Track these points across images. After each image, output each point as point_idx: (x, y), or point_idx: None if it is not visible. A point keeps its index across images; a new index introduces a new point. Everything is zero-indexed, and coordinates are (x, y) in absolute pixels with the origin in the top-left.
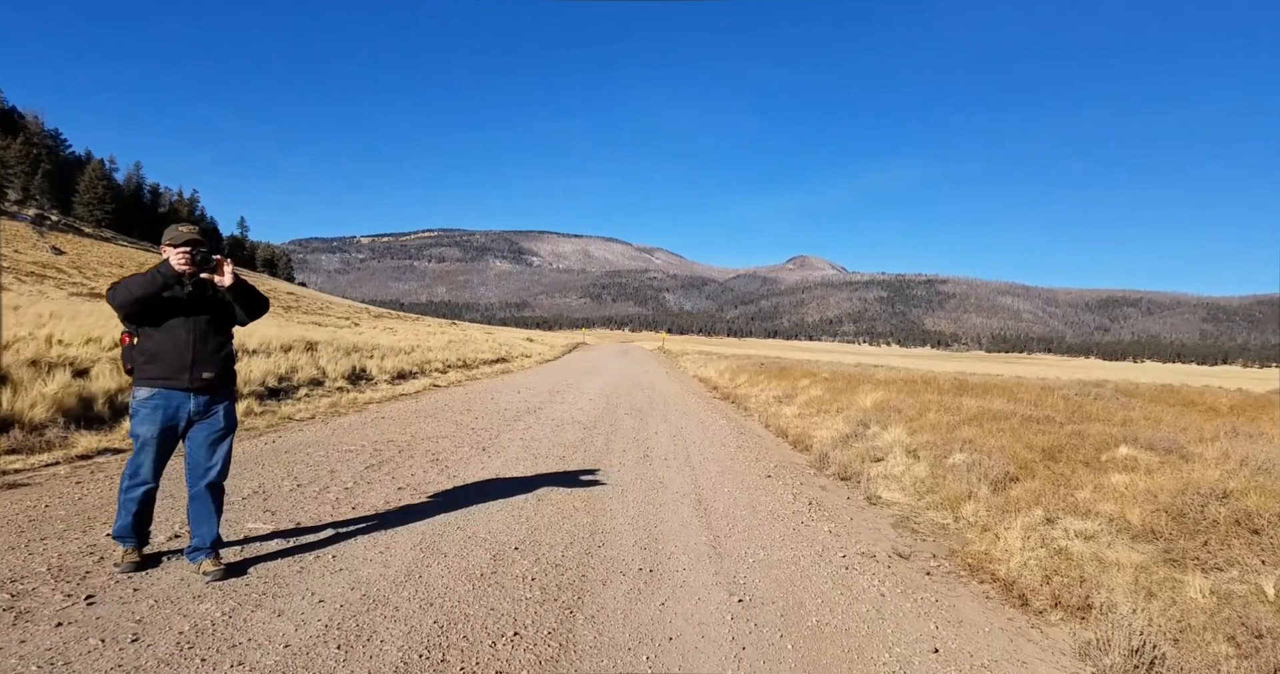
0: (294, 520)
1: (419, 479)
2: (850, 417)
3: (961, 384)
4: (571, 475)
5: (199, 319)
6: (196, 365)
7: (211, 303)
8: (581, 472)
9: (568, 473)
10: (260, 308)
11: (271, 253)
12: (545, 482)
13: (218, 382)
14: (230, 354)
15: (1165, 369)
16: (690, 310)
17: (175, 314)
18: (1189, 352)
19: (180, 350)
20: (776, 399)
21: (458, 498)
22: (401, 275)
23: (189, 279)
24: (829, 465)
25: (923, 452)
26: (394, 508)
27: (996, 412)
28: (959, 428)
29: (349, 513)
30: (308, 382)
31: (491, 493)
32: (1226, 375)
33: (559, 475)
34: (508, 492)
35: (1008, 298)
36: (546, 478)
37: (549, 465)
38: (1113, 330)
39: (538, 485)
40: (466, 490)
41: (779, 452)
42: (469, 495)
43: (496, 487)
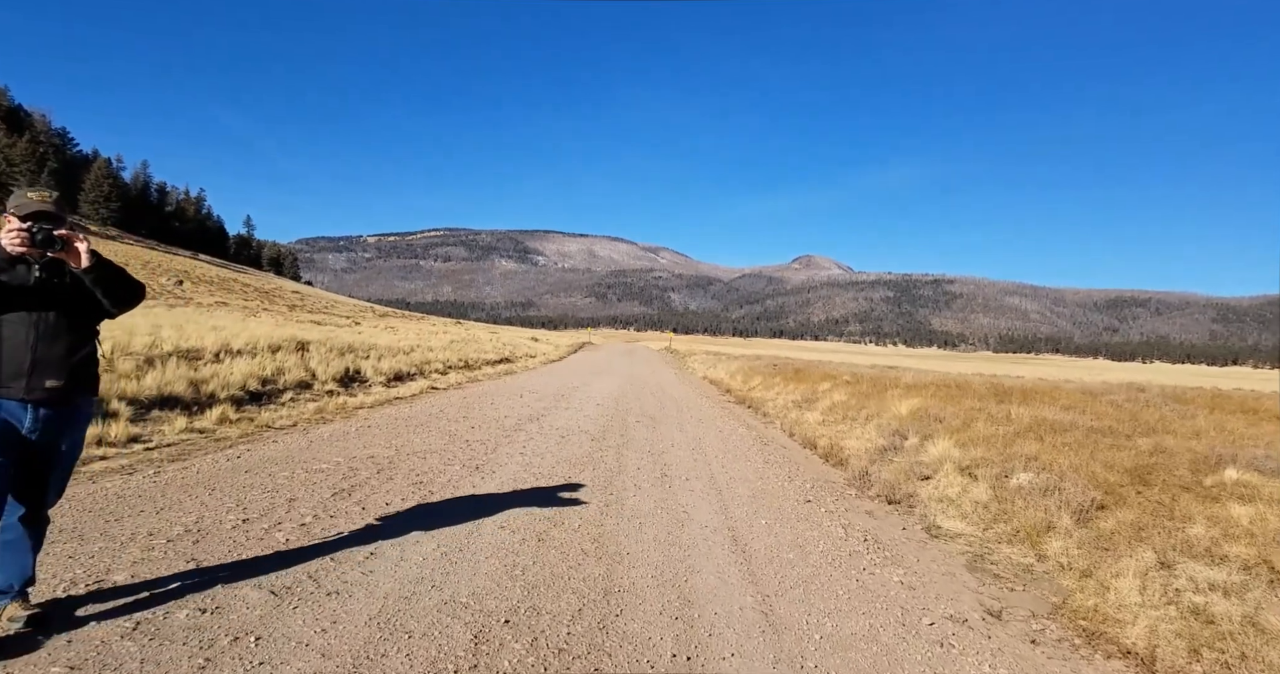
0: (214, 577)
1: (395, 509)
2: (883, 425)
3: (997, 388)
4: (578, 504)
5: (45, 314)
6: (38, 371)
7: (66, 292)
8: (590, 499)
9: (574, 500)
10: (132, 295)
11: (278, 252)
12: (547, 513)
13: (67, 392)
14: (90, 357)
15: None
16: (695, 310)
17: (15, 306)
18: (1199, 352)
19: (16, 352)
20: (796, 404)
21: (439, 538)
22: (408, 274)
23: (37, 262)
24: (871, 484)
25: (979, 469)
26: (356, 556)
27: (1054, 422)
28: (1015, 441)
29: (295, 564)
30: (295, 384)
31: (482, 531)
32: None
33: (563, 503)
34: (501, 528)
35: (1015, 298)
36: (548, 507)
37: (552, 490)
38: (1121, 331)
39: (538, 519)
40: (451, 527)
41: (811, 467)
42: (453, 536)
43: (488, 522)
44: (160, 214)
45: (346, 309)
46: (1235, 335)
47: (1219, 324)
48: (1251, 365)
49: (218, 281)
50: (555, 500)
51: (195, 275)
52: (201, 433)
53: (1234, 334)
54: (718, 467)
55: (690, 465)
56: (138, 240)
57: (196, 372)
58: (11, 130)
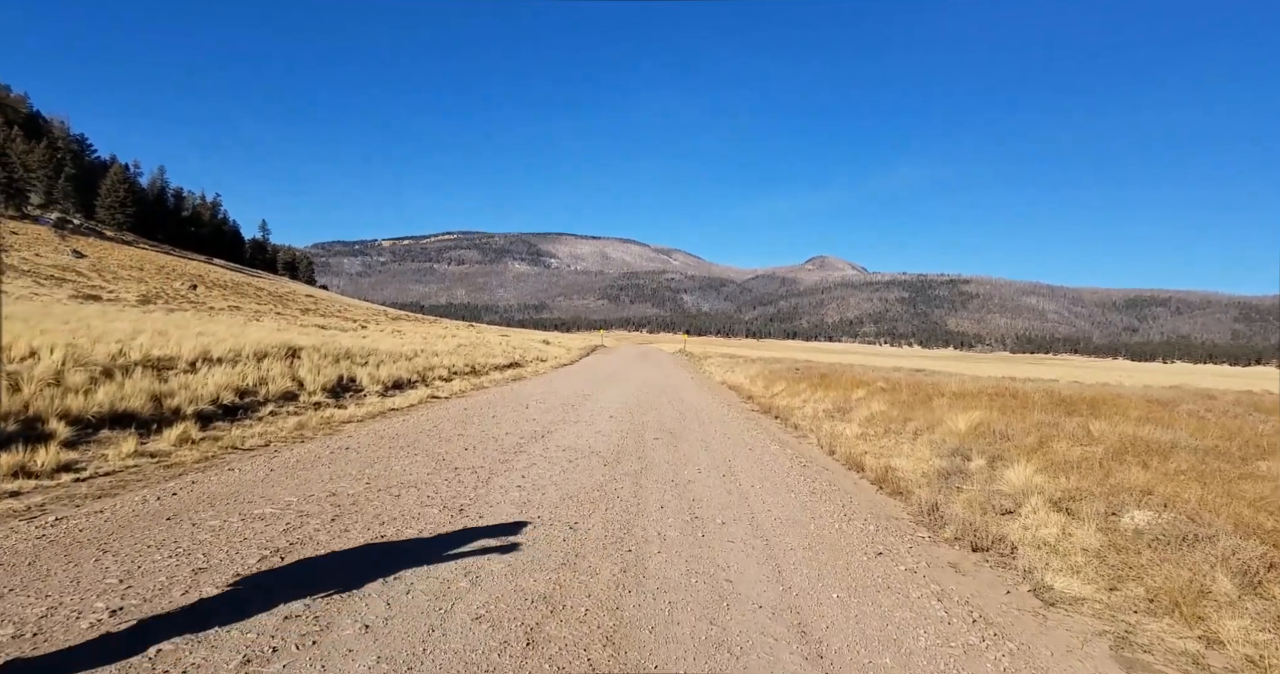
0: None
1: (333, 589)
2: (937, 442)
3: (1056, 397)
4: (586, 571)
5: None
6: None
7: None
8: (601, 561)
9: (580, 563)
10: None
11: (293, 256)
12: (543, 588)
13: None
14: None
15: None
16: (708, 312)
17: None
18: (1221, 352)
19: None
20: (828, 414)
21: (384, 644)
22: (421, 278)
23: None
24: (944, 522)
25: (1076, 504)
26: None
27: (1148, 441)
28: (1112, 466)
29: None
30: (279, 396)
31: (448, 628)
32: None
33: (566, 569)
34: (478, 619)
35: (1032, 298)
36: (546, 576)
37: (552, 543)
38: (1141, 330)
39: (530, 600)
40: (404, 621)
41: (864, 497)
42: (405, 639)
43: (460, 609)
44: (176, 219)
45: (359, 313)
46: (1258, 335)
47: (1241, 323)
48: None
49: (231, 286)
50: (555, 564)
51: (209, 280)
52: (153, 457)
53: (1256, 333)
54: (757, 501)
55: (723, 499)
56: (153, 245)
57: (164, 383)
58: (30, 137)
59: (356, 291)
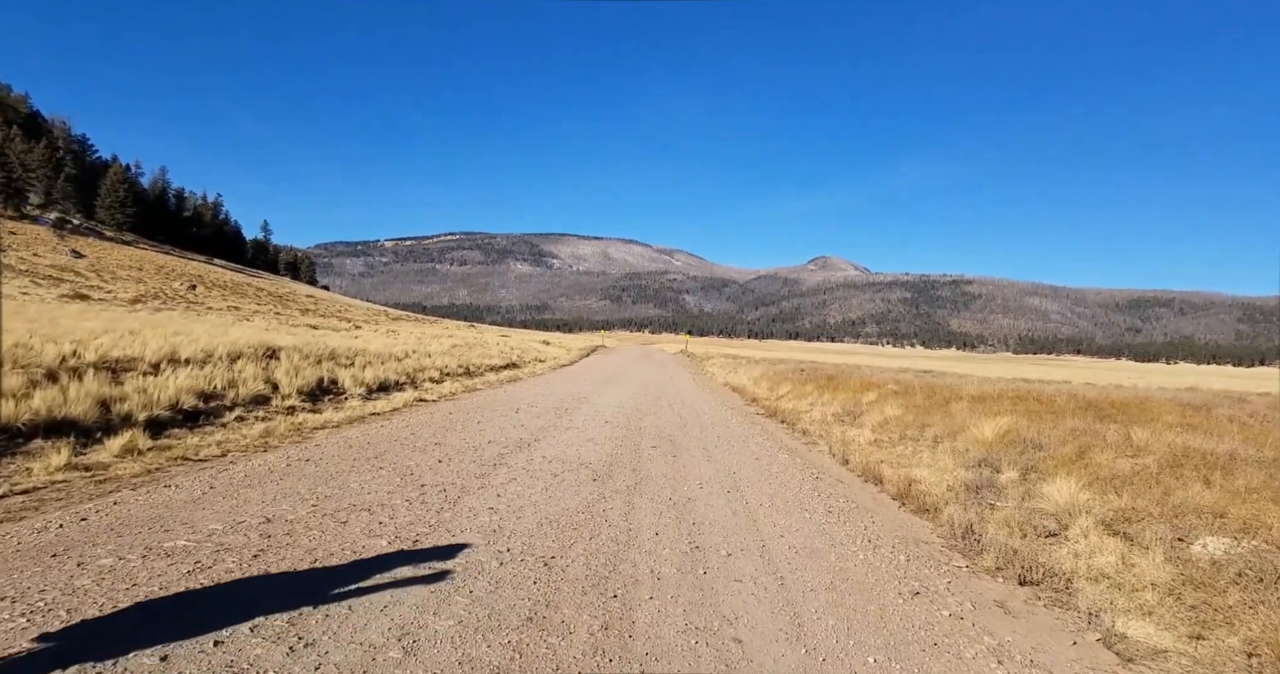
0: None
1: (229, 652)
2: (960, 450)
3: (1080, 401)
4: (556, 625)
5: None
6: None
7: None
8: (578, 613)
9: (550, 618)
10: None
11: (294, 256)
12: (496, 656)
13: None
14: None
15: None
16: (710, 312)
17: None
18: (1224, 353)
19: None
20: (837, 418)
21: None
22: (424, 278)
23: None
24: (982, 547)
25: (1133, 527)
26: None
27: (1201, 451)
28: (1167, 482)
29: None
30: (249, 399)
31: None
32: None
33: (530, 626)
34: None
35: (1035, 298)
36: (502, 638)
37: (520, 588)
38: (1144, 331)
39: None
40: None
41: (886, 515)
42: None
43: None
44: (178, 219)
45: (359, 313)
46: (1261, 335)
47: (1244, 324)
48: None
49: (231, 286)
50: (520, 620)
51: (209, 280)
52: (87, 470)
53: (1260, 334)
54: (766, 523)
55: (728, 522)
56: (153, 245)
57: (120, 386)
58: (29, 136)
59: (358, 292)
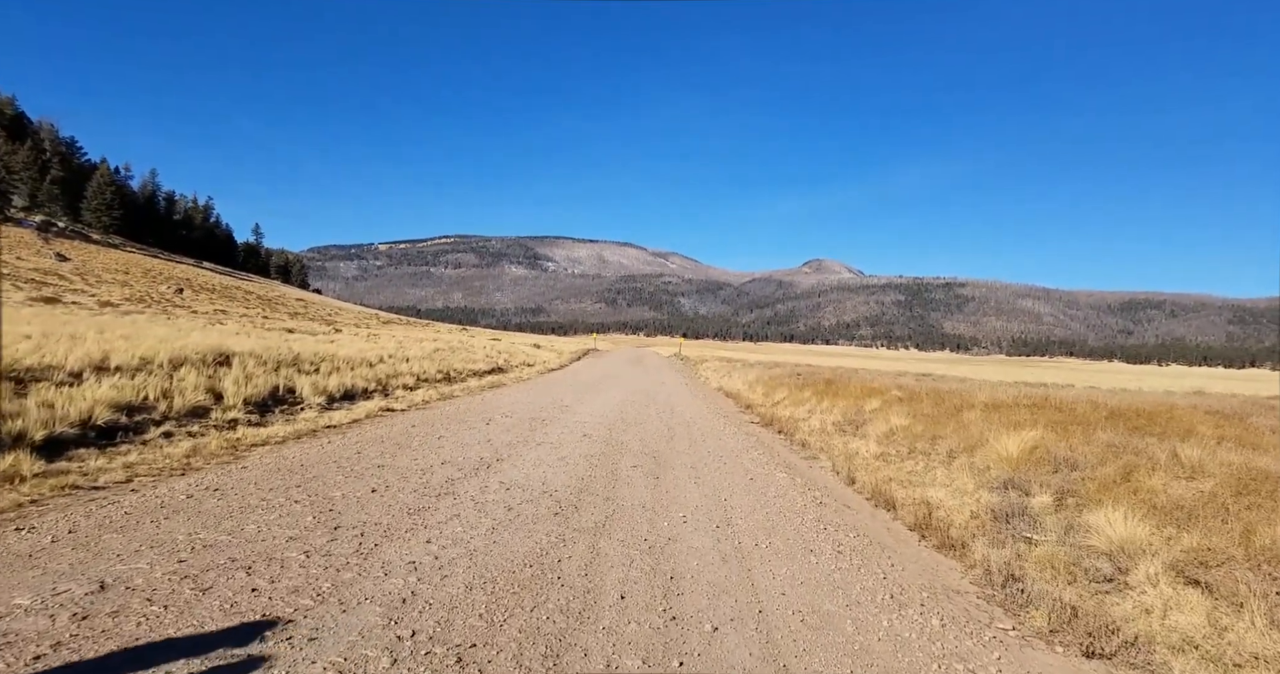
0: None
1: None
2: (980, 467)
3: (1101, 408)
4: None
5: None
6: None
7: None
8: None
9: None
10: None
11: (286, 260)
12: None
13: None
14: None
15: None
16: (705, 315)
17: None
18: (1215, 354)
19: None
20: (838, 427)
21: None
22: (418, 281)
23: None
24: (1029, 601)
25: (1211, 573)
26: None
27: (1269, 473)
28: (1244, 515)
29: None
30: (185, 412)
31: None
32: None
33: None
34: None
35: (1028, 300)
36: None
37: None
38: (1136, 333)
39: None
40: None
41: (906, 554)
42: None
43: None
44: (168, 223)
45: (350, 317)
46: (1252, 337)
47: (1235, 326)
48: (1269, 367)
49: (220, 290)
50: None
51: (198, 283)
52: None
53: (1250, 336)
54: (764, 575)
55: (717, 577)
56: (141, 248)
57: (21, 399)
58: (14, 138)
59: (352, 296)
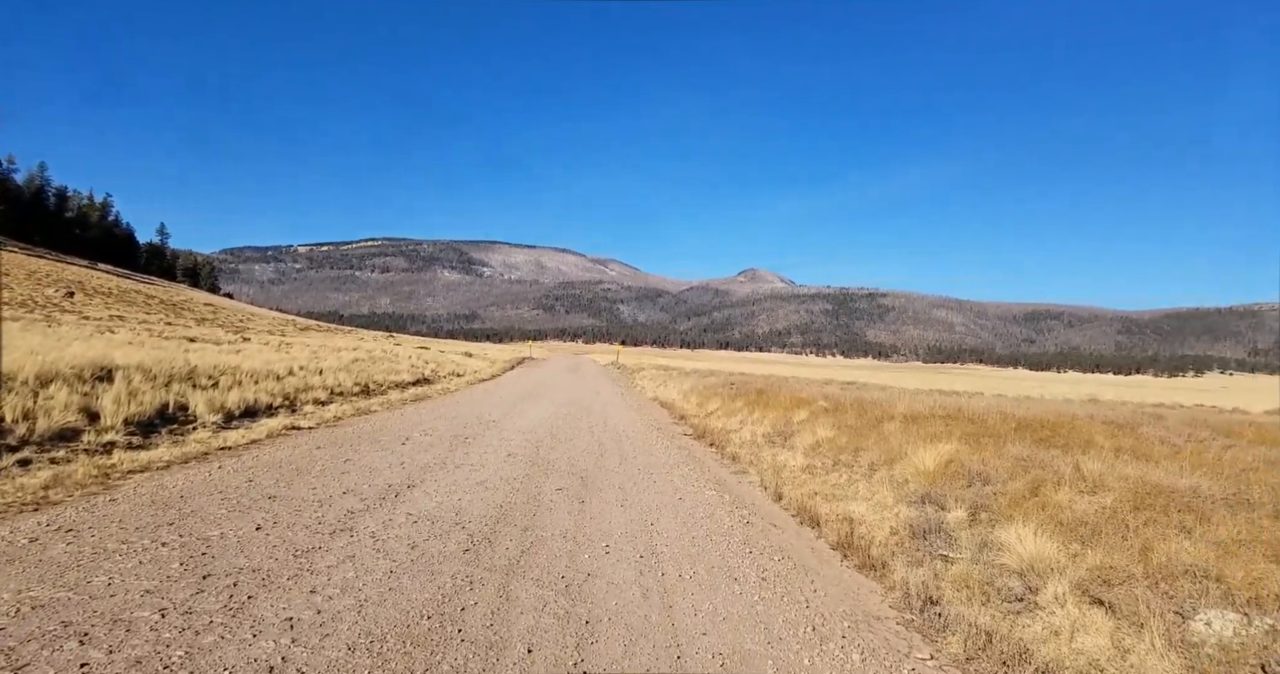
0: None
1: None
2: (899, 481)
3: (1009, 418)
4: None
5: None
6: None
7: None
8: None
9: None
10: None
11: (194, 261)
12: None
13: None
14: None
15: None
16: (644, 322)
17: None
18: (1106, 362)
19: None
20: (768, 439)
21: None
22: (342, 286)
23: None
24: (945, 625)
25: (1114, 592)
26: None
27: (1166, 489)
28: (1143, 532)
29: None
30: (51, 435)
31: None
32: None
33: None
34: None
35: (942, 311)
36: None
37: None
38: (1038, 342)
39: None
40: None
41: (829, 576)
42: None
43: None
44: (59, 221)
45: (264, 323)
46: (1138, 346)
47: (1124, 335)
48: (1152, 374)
49: (118, 294)
50: None
51: (91, 286)
52: None
53: (1136, 345)
54: (685, 611)
55: (636, 618)
56: (24, 248)
57: None
58: None
59: (268, 300)
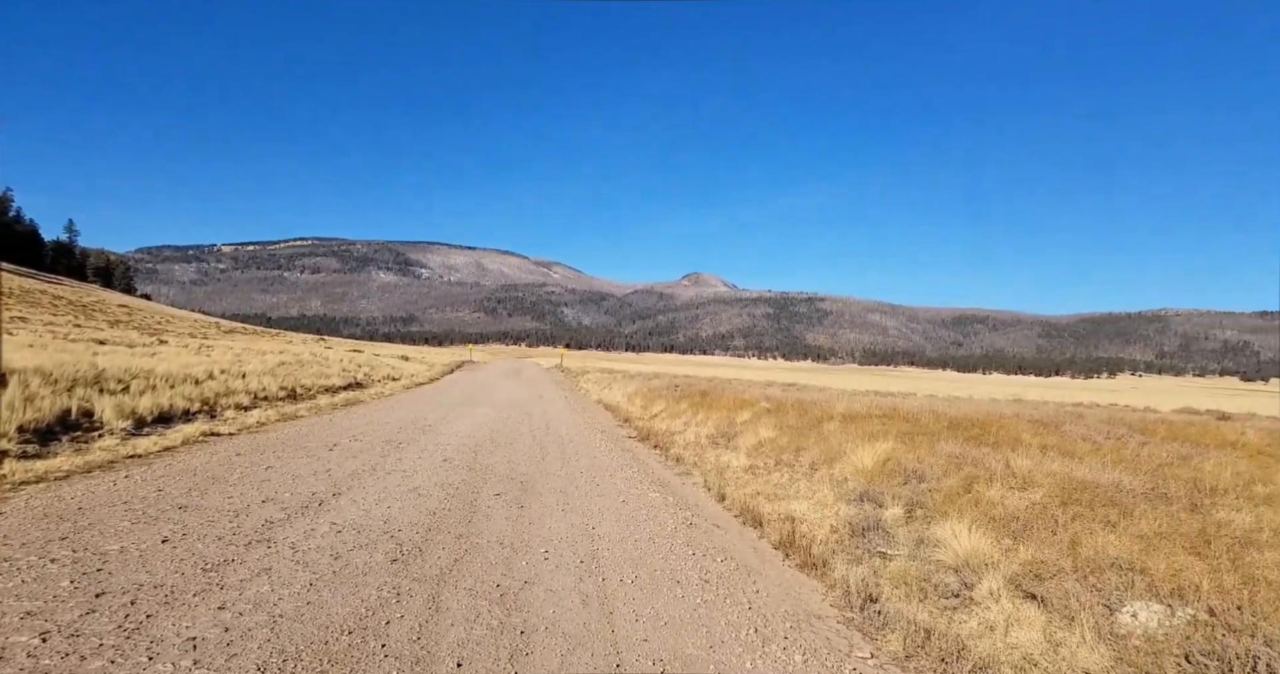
0: None
1: None
2: (839, 479)
3: (942, 418)
4: None
5: None
6: None
7: None
8: None
9: None
10: None
11: (107, 261)
12: None
13: None
14: None
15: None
16: (589, 325)
17: None
18: (1028, 364)
19: None
20: (712, 440)
21: None
22: (270, 287)
23: None
24: (885, 623)
25: (1045, 586)
26: None
27: (1090, 484)
28: (1071, 526)
29: None
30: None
31: None
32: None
33: None
34: None
35: (877, 315)
36: None
37: None
38: (965, 345)
39: None
40: None
41: (771, 576)
42: None
43: None
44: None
45: (185, 326)
46: (1056, 349)
47: (1044, 339)
48: (1070, 375)
49: (20, 294)
50: None
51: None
52: None
53: (1055, 348)
54: (626, 618)
55: (574, 626)
56: None
57: None
58: None
59: (189, 302)
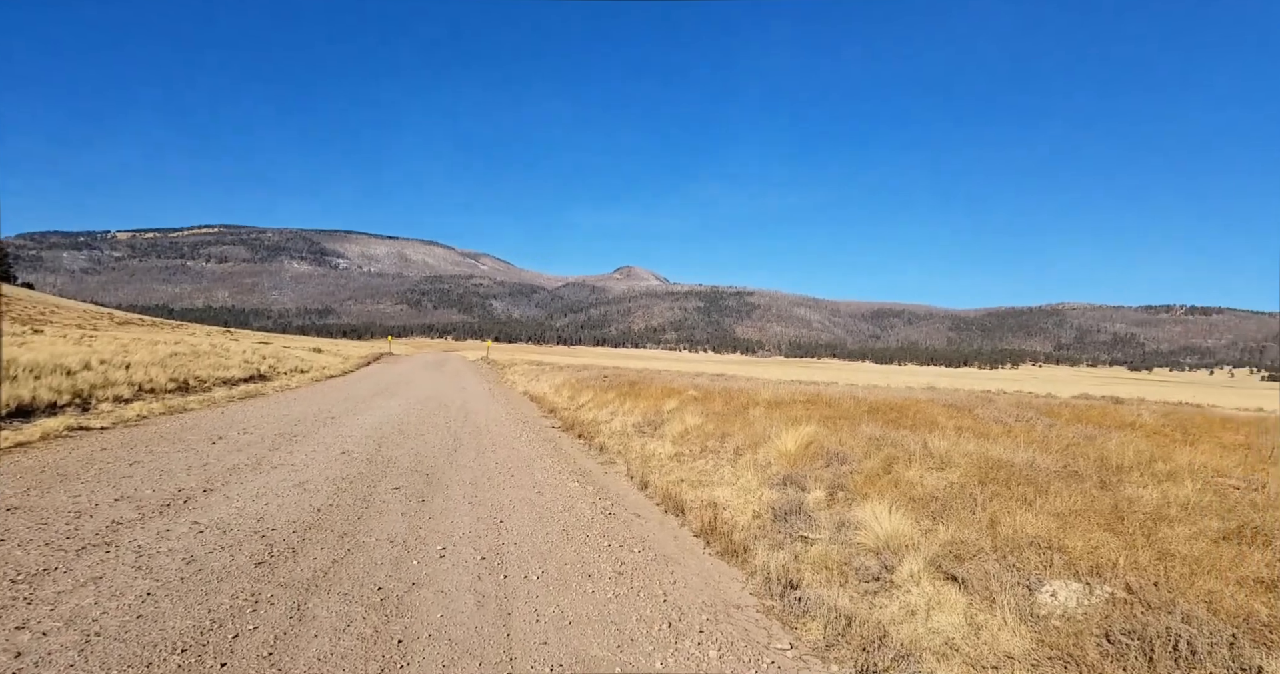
0: None
1: None
2: (762, 464)
3: (863, 403)
4: None
5: None
6: None
7: None
8: None
9: None
10: None
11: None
12: None
13: None
14: None
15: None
16: (519, 318)
17: None
18: (939, 356)
19: None
20: (638, 429)
21: None
22: (171, 277)
23: None
24: (805, 610)
25: (965, 566)
26: None
27: (1004, 463)
28: (989, 506)
29: None
30: None
31: None
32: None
33: None
34: None
35: (802, 308)
36: None
37: None
38: (883, 337)
39: None
40: None
41: (690, 566)
42: None
43: None
44: None
45: (72, 317)
46: (965, 341)
47: (954, 332)
48: (977, 366)
49: None
50: None
51: None
52: None
53: (964, 340)
54: (525, 617)
55: (464, 629)
56: None
57: None
58: None
59: (81, 291)
